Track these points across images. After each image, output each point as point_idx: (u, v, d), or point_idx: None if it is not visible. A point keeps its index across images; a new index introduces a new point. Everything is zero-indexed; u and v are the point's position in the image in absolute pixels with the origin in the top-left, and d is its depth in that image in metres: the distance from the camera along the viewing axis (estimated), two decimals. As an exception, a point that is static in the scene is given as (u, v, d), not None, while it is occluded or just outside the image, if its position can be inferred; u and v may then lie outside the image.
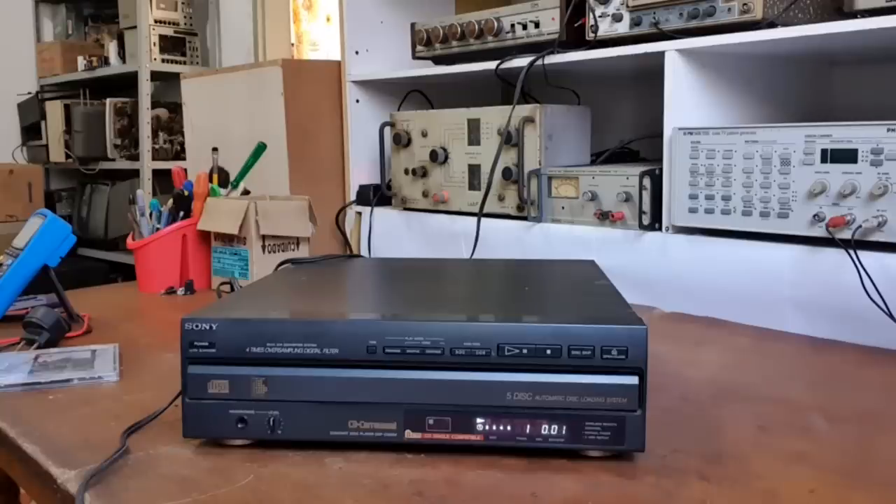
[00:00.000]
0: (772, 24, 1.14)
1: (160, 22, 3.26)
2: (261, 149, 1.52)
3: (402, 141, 1.64)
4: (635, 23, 1.28)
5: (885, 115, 1.06)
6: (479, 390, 0.65)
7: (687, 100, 1.24)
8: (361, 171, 1.84)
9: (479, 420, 0.66)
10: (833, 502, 0.60)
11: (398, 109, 1.81)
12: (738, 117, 1.31)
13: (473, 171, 1.52)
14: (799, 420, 0.77)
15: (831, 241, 1.03)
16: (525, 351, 0.64)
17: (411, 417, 0.66)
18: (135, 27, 3.23)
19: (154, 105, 3.24)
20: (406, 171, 1.65)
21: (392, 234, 1.70)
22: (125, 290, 1.50)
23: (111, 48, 3.45)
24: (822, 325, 1.06)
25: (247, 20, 3.34)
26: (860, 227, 1.00)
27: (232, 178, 1.55)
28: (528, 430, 0.65)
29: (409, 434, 0.66)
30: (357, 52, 1.81)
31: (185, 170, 1.57)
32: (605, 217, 1.31)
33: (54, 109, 3.56)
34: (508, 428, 0.65)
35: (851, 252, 0.99)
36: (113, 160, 3.35)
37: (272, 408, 0.67)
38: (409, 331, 0.65)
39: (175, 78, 2.57)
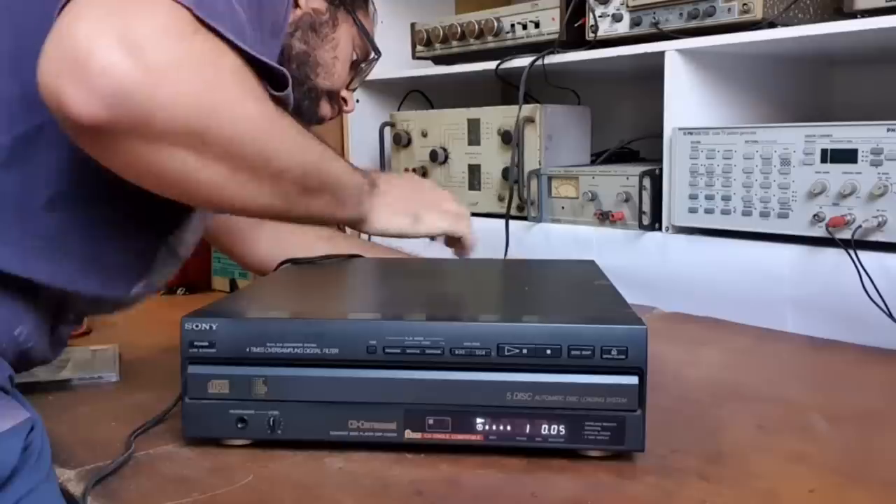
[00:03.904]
0: (772, 24, 1.14)
1: (160, 22, 3.26)
2: (261, 149, 1.52)
3: (402, 141, 1.64)
4: (635, 23, 1.28)
5: (885, 115, 1.06)
6: (479, 390, 0.65)
7: (687, 100, 1.24)
8: (361, 171, 1.84)
9: (479, 420, 0.66)
10: (833, 502, 0.60)
11: (398, 109, 1.81)
12: (738, 117, 1.31)
13: (473, 171, 1.53)
14: (799, 420, 0.77)
15: (831, 241, 1.03)
16: (525, 351, 0.64)
17: (411, 417, 0.66)
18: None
19: (154, 105, 3.24)
20: (406, 171, 1.65)
21: (392, 234, 1.70)
22: (125, 290, 1.50)
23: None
24: (822, 325, 1.07)
25: (247, 20, 3.33)
26: (860, 227, 1.00)
27: (232, 178, 1.55)
28: (527, 430, 0.65)
29: (409, 434, 0.66)
30: (357, 52, 1.81)
31: (186, 170, 1.57)
32: (605, 217, 1.31)
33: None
34: (508, 428, 0.65)
35: (851, 252, 0.99)
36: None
37: (272, 408, 0.67)
38: (409, 331, 0.65)
39: (175, 78, 2.57)
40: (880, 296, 0.97)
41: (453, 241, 0.94)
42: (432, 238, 0.92)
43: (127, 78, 0.51)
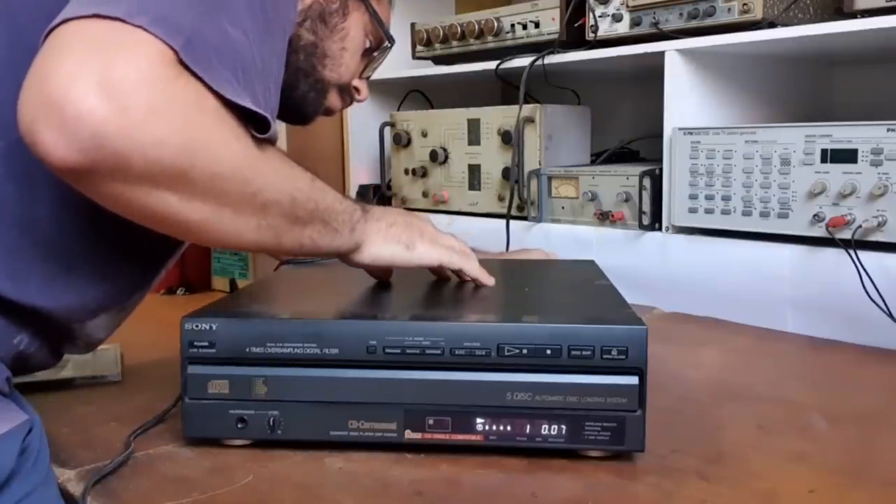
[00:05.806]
0: (772, 24, 1.14)
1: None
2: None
3: (402, 141, 1.64)
4: (635, 23, 1.28)
5: (885, 115, 1.06)
6: (479, 390, 0.65)
7: (687, 100, 1.23)
8: (361, 171, 1.84)
9: (479, 420, 0.66)
10: (833, 502, 0.60)
11: (398, 109, 1.81)
12: (738, 117, 1.31)
13: (473, 171, 1.53)
14: (799, 420, 0.77)
15: (831, 241, 1.03)
16: (525, 351, 0.64)
17: (411, 417, 0.66)
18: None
19: (154, 105, 3.24)
20: (406, 171, 1.65)
21: (392, 234, 1.70)
22: (125, 290, 1.50)
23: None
24: (822, 325, 1.07)
25: (247, 20, 3.33)
26: (860, 227, 1.00)
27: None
28: (528, 430, 0.65)
29: (409, 434, 0.66)
30: (357, 52, 1.81)
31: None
32: (605, 217, 1.31)
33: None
34: (508, 428, 0.65)
35: (851, 252, 0.99)
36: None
37: (272, 408, 0.67)
38: (409, 331, 0.65)
39: (175, 78, 2.57)
40: (880, 296, 0.97)
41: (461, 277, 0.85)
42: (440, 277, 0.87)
43: (104, 123, 0.50)
